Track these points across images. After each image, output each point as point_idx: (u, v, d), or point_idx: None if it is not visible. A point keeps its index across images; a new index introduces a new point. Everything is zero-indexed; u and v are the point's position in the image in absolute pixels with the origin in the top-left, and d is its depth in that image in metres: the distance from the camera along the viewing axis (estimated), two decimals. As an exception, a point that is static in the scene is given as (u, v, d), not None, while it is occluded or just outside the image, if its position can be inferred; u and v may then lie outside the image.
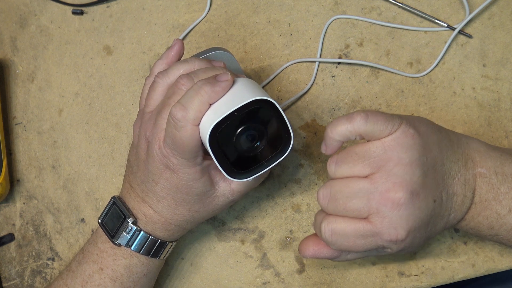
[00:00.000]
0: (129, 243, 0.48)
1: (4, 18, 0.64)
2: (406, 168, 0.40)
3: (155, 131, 0.44)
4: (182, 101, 0.42)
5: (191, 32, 0.60)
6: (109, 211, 0.50)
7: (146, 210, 0.48)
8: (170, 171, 0.44)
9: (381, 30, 0.56)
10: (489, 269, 0.52)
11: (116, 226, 0.48)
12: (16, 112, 0.63)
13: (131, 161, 0.49)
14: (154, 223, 0.48)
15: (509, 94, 0.53)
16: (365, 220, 0.41)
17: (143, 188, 0.47)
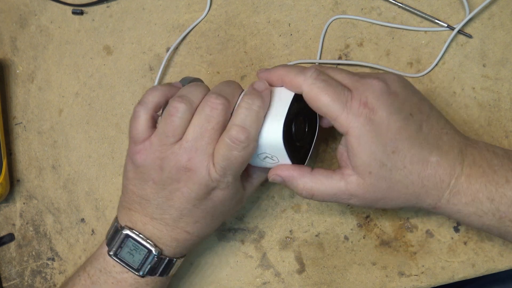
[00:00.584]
0: (155, 271, 0.48)
1: (4, 18, 0.64)
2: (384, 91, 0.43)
3: (201, 159, 0.43)
4: (240, 122, 0.42)
5: (191, 32, 0.60)
6: (123, 244, 0.47)
7: (178, 236, 0.47)
8: (218, 191, 0.45)
9: (381, 30, 0.56)
10: (489, 269, 0.52)
11: (139, 259, 0.47)
12: (16, 112, 0.63)
13: (146, 195, 0.46)
14: (185, 245, 0.48)
15: (509, 94, 0.53)
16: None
17: (175, 217, 0.46)
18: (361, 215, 0.55)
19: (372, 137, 0.42)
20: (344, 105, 0.42)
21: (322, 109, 0.42)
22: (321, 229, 0.55)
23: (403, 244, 0.54)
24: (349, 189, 0.43)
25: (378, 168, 0.42)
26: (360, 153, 0.42)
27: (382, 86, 0.43)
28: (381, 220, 0.54)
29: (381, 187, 0.43)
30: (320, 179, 0.44)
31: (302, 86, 0.43)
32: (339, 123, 0.42)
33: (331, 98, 0.42)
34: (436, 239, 0.53)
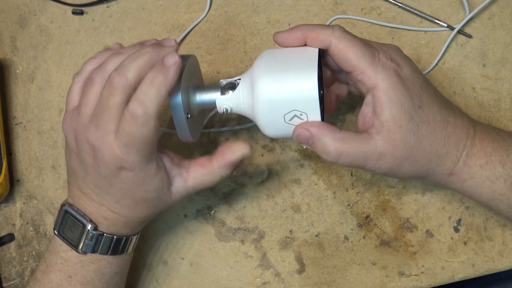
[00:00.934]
0: (95, 248, 0.47)
1: (4, 18, 0.64)
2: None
3: (100, 135, 0.42)
4: (139, 97, 0.41)
5: (191, 32, 0.60)
6: (64, 220, 0.48)
7: (105, 213, 0.46)
8: (126, 171, 0.43)
9: (381, 30, 0.56)
10: (489, 269, 0.52)
11: (77, 235, 0.47)
12: (16, 112, 0.63)
13: (74, 167, 0.46)
14: (115, 224, 0.47)
15: (509, 94, 0.53)
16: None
17: (97, 192, 0.46)
18: (361, 215, 0.55)
19: (401, 90, 0.42)
20: (373, 57, 0.42)
21: (352, 62, 0.42)
22: (321, 229, 0.55)
23: (403, 244, 0.54)
24: (378, 148, 0.42)
25: (407, 121, 0.42)
26: (391, 105, 0.41)
27: (400, 50, 0.44)
28: (381, 220, 0.54)
29: (409, 142, 0.42)
30: (349, 139, 0.42)
31: (331, 39, 0.42)
32: (368, 76, 0.42)
33: (361, 50, 0.42)
34: (436, 239, 0.53)
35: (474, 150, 0.44)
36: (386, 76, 0.41)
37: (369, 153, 0.42)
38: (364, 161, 0.43)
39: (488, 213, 0.53)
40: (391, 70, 0.42)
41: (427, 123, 0.42)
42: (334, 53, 0.43)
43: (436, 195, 0.53)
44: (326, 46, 0.43)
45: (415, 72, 0.43)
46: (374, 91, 0.42)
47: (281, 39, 0.45)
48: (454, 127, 0.44)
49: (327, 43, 0.43)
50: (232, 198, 0.57)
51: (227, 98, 0.46)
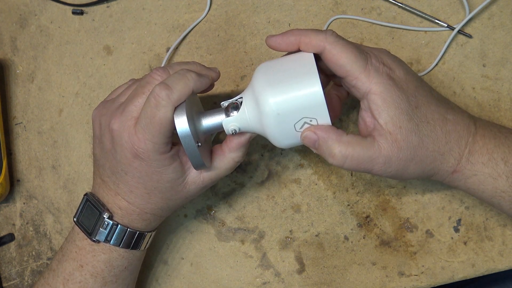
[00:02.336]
0: (108, 238, 0.48)
1: (4, 18, 0.64)
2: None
3: (123, 119, 0.44)
4: (167, 81, 0.43)
5: (191, 32, 0.60)
6: (84, 208, 0.49)
7: (120, 203, 0.47)
8: (139, 160, 0.44)
9: (381, 30, 0.56)
10: (489, 269, 0.52)
11: (92, 223, 0.48)
12: (16, 112, 0.63)
13: (97, 154, 0.48)
14: (129, 215, 0.48)
15: (509, 94, 0.53)
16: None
17: (114, 180, 0.47)
18: (361, 215, 0.55)
19: (396, 92, 0.42)
20: (366, 62, 0.42)
21: (346, 67, 0.42)
22: (321, 229, 0.55)
23: (403, 244, 0.54)
24: (383, 151, 0.42)
25: (407, 122, 0.42)
26: (387, 108, 0.41)
27: (391, 54, 0.44)
28: (381, 220, 0.54)
29: (412, 142, 0.42)
30: (355, 143, 0.42)
31: (324, 44, 0.42)
32: (361, 81, 0.42)
33: (354, 55, 0.42)
34: (436, 239, 0.53)
35: (476, 147, 0.44)
36: (379, 80, 0.42)
37: (375, 157, 0.42)
38: (371, 165, 0.43)
39: (488, 213, 0.53)
40: (384, 74, 0.42)
41: (426, 122, 0.43)
42: (327, 59, 0.43)
43: (436, 195, 0.53)
44: (320, 52, 0.43)
45: (408, 74, 0.43)
46: (369, 96, 0.42)
47: (274, 43, 0.44)
48: (453, 124, 0.44)
49: (321, 48, 0.43)
50: (232, 198, 0.57)
51: (234, 119, 0.45)
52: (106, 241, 0.48)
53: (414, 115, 0.42)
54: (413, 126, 0.42)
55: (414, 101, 0.42)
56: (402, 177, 0.44)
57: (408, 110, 0.42)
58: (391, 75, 0.42)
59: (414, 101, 0.42)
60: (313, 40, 0.43)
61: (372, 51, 0.43)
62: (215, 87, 0.58)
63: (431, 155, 0.43)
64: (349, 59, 0.42)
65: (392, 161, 0.42)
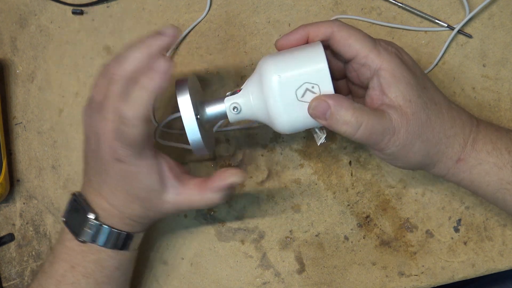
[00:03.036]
0: (94, 238, 0.47)
1: (4, 18, 0.64)
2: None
3: (102, 125, 0.44)
4: (130, 100, 0.42)
5: (191, 32, 0.60)
6: (71, 207, 0.49)
7: (103, 204, 0.47)
8: (120, 163, 0.45)
9: (381, 30, 0.56)
10: (489, 269, 0.52)
11: (78, 222, 0.48)
12: (16, 112, 0.63)
13: (85, 153, 0.48)
14: (112, 217, 0.48)
15: (509, 94, 0.53)
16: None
17: (98, 180, 0.47)
18: (361, 215, 0.55)
19: (405, 70, 0.43)
20: (374, 42, 0.43)
21: (355, 46, 0.43)
22: (321, 229, 0.55)
23: (403, 244, 0.54)
24: (394, 121, 0.42)
25: (416, 97, 0.42)
26: (398, 83, 0.42)
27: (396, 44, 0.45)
28: (381, 220, 0.54)
29: (421, 118, 0.43)
30: (368, 111, 0.42)
31: (332, 28, 0.43)
32: (371, 59, 0.42)
33: (362, 36, 0.43)
34: (436, 239, 0.53)
35: (480, 135, 0.44)
36: (389, 57, 0.42)
37: (386, 126, 0.42)
38: (382, 135, 0.42)
39: (488, 213, 0.53)
40: (393, 53, 0.43)
41: (434, 103, 0.43)
42: (336, 41, 0.43)
43: (436, 195, 0.53)
44: (328, 37, 0.44)
45: (414, 61, 0.45)
46: (379, 72, 0.42)
47: (283, 43, 0.45)
48: (458, 112, 0.45)
49: (329, 33, 0.44)
50: (232, 198, 0.57)
51: (235, 96, 0.46)
52: (92, 242, 0.48)
53: (423, 94, 0.43)
54: (422, 102, 0.43)
55: (422, 82, 0.44)
56: (406, 158, 0.44)
57: (418, 87, 0.43)
58: (399, 56, 0.44)
59: (422, 82, 0.44)
60: (320, 28, 0.44)
61: (379, 39, 0.45)
62: (214, 88, 0.58)
63: (437, 136, 0.43)
64: (357, 39, 0.43)
65: (400, 133, 0.42)
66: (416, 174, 0.54)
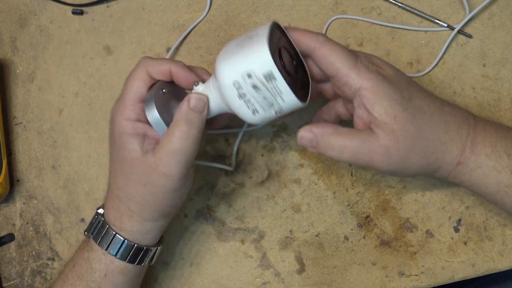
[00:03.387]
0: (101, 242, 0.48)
1: (4, 18, 0.64)
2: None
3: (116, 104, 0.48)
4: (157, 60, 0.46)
5: (191, 32, 0.60)
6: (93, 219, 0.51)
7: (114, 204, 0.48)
8: (112, 128, 0.47)
9: (381, 30, 0.56)
10: (489, 269, 0.52)
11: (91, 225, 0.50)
12: (16, 112, 0.63)
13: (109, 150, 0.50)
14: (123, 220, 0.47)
15: (509, 94, 0.53)
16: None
17: (111, 170, 0.48)
18: (361, 215, 0.55)
19: (387, 85, 0.42)
20: (356, 60, 0.43)
21: (335, 64, 0.42)
22: (321, 229, 0.55)
23: (403, 244, 0.54)
24: (381, 141, 0.42)
25: (401, 111, 0.42)
26: (380, 100, 0.42)
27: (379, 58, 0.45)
28: (381, 220, 0.54)
29: (409, 132, 0.42)
30: (353, 134, 0.43)
31: (315, 43, 0.43)
32: (352, 78, 0.42)
33: (343, 53, 0.42)
34: (436, 239, 0.53)
35: (479, 138, 0.44)
36: (369, 75, 0.42)
37: (373, 147, 0.42)
38: (370, 157, 0.42)
39: (488, 213, 0.53)
40: (374, 71, 0.42)
41: (422, 112, 0.43)
42: (317, 57, 0.43)
43: (436, 195, 0.53)
44: (310, 51, 0.43)
45: (398, 72, 0.44)
46: (360, 91, 0.42)
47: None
48: (452, 115, 0.44)
49: (311, 47, 0.43)
50: (232, 198, 0.57)
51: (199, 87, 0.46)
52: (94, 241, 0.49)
53: (408, 106, 0.42)
54: (408, 115, 0.42)
55: (407, 94, 0.43)
56: (406, 171, 0.44)
57: (402, 101, 0.42)
58: (381, 72, 0.43)
59: (407, 93, 0.43)
60: (303, 38, 0.43)
61: (361, 53, 0.44)
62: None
63: (432, 145, 0.43)
64: (338, 56, 0.42)
65: (391, 152, 0.42)
66: (416, 174, 0.54)
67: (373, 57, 0.44)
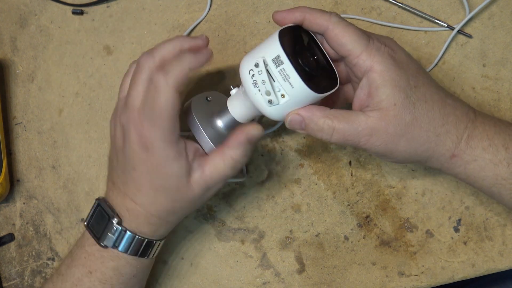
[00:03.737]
0: (116, 244, 0.47)
1: (4, 18, 0.64)
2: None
3: (128, 112, 0.44)
4: (164, 68, 0.43)
5: (191, 32, 0.60)
6: (94, 213, 0.49)
7: (128, 204, 0.47)
8: (146, 151, 0.44)
9: (381, 30, 0.56)
10: (489, 269, 0.52)
11: (102, 227, 0.48)
12: (16, 112, 0.63)
13: (110, 157, 0.49)
14: (136, 217, 0.47)
15: (509, 94, 0.53)
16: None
17: (123, 180, 0.47)
18: (361, 215, 0.55)
19: (396, 70, 0.42)
20: (368, 41, 0.43)
21: (347, 45, 0.43)
22: (321, 229, 0.55)
23: (403, 244, 0.54)
24: (370, 123, 0.43)
25: (403, 99, 0.42)
26: (385, 85, 0.42)
27: (393, 40, 0.45)
28: (381, 220, 0.54)
29: (404, 119, 0.43)
30: (341, 113, 0.43)
31: (327, 24, 0.43)
32: (363, 60, 0.43)
33: (356, 35, 0.43)
34: (436, 239, 0.53)
35: (476, 132, 0.44)
36: (380, 58, 0.42)
37: (361, 129, 0.43)
38: (357, 137, 0.43)
39: (488, 213, 0.53)
40: (385, 53, 0.43)
41: (424, 101, 0.43)
42: (329, 38, 0.44)
43: (436, 195, 0.54)
44: (322, 31, 0.44)
45: (409, 57, 0.45)
46: (369, 73, 0.43)
47: (279, 17, 0.45)
48: (453, 108, 0.44)
49: (323, 28, 0.44)
50: (232, 198, 0.57)
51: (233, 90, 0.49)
52: (114, 247, 0.47)
53: (412, 94, 0.43)
54: (409, 103, 0.43)
55: (414, 80, 0.43)
56: (393, 155, 0.44)
57: (406, 88, 0.43)
58: (393, 55, 0.43)
59: (414, 80, 0.43)
60: (317, 19, 0.44)
61: (375, 34, 0.45)
62: (214, 88, 0.58)
63: (425, 135, 0.43)
64: (351, 38, 0.43)
65: (379, 134, 0.43)
66: (416, 174, 0.54)
67: (386, 39, 0.45)
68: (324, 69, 0.45)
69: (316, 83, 0.43)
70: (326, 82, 0.45)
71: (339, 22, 0.43)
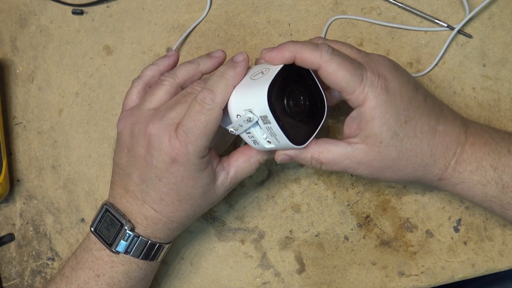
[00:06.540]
0: (128, 249, 0.47)
1: (4, 18, 0.64)
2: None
3: (164, 124, 0.44)
4: (208, 86, 0.43)
5: (191, 32, 0.60)
6: (102, 218, 0.49)
7: (146, 212, 0.47)
8: (177, 164, 0.44)
9: (381, 30, 0.56)
10: (489, 269, 0.52)
11: (113, 234, 0.47)
12: (16, 112, 0.63)
13: (123, 164, 0.47)
14: (155, 224, 0.47)
15: (509, 94, 0.53)
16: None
17: (143, 188, 0.46)
18: (361, 215, 0.55)
19: (388, 107, 0.43)
20: (361, 78, 0.43)
21: (341, 84, 0.43)
22: (321, 229, 0.55)
23: (403, 244, 0.54)
24: (356, 156, 0.44)
25: (389, 138, 0.43)
26: (375, 124, 0.43)
27: (389, 61, 0.45)
28: (381, 220, 0.54)
29: (390, 156, 0.43)
30: (327, 147, 0.45)
31: (320, 62, 0.43)
32: (356, 96, 0.43)
33: (349, 72, 0.42)
34: (436, 239, 0.53)
35: (464, 156, 0.44)
36: (373, 95, 0.42)
37: (347, 161, 0.44)
38: (344, 168, 0.45)
39: (488, 213, 0.53)
40: (378, 87, 0.43)
41: (412, 137, 0.43)
42: (323, 76, 0.43)
43: (436, 195, 0.54)
44: (316, 68, 0.43)
45: (403, 85, 0.44)
46: (360, 109, 0.43)
47: (268, 58, 0.44)
48: (443, 136, 0.44)
49: (316, 66, 0.43)
50: (232, 198, 0.57)
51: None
52: (126, 253, 0.47)
53: (400, 130, 0.43)
54: (396, 141, 0.43)
55: (404, 115, 0.43)
56: (380, 180, 0.46)
57: (395, 126, 0.43)
58: (386, 86, 0.43)
59: (405, 114, 0.43)
60: (308, 56, 0.43)
61: (369, 62, 0.44)
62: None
63: (411, 167, 0.44)
64: (344, 76, 0.42)
65: (364, 166, 0.44)
66: (416, 174, 0.54)
67: (381, 66, 0.44)
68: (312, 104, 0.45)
69: (303, 134, 0.44)
70: (313, 124, 0.45)
71: (331, 60, 0.42)
